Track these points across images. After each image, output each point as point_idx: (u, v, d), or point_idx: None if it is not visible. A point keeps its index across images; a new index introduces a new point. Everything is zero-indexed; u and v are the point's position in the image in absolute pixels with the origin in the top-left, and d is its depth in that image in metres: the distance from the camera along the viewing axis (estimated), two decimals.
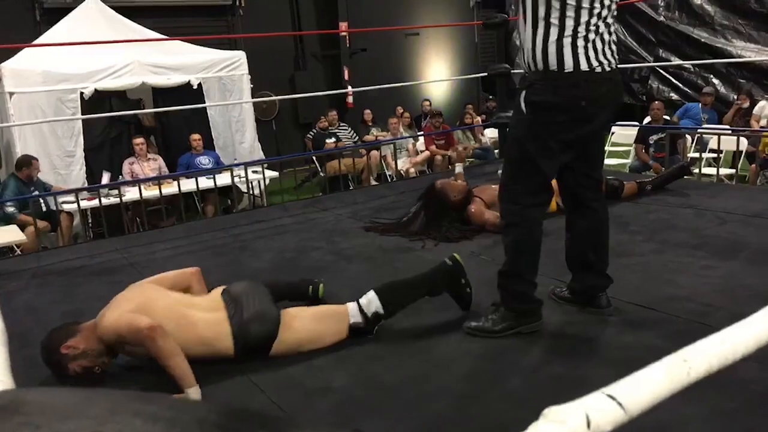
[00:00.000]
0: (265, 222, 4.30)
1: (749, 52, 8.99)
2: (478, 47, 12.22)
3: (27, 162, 5.63)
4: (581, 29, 1.99)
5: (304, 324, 2.20)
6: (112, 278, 3.35)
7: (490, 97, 9.98)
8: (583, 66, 2.00)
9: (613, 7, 2.06)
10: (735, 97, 8.43)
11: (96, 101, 6.44)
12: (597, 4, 2.00)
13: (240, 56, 7.45)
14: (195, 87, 6.96)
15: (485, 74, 5.86)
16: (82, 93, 6.38)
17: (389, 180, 7.46)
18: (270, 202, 6.82)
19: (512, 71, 5.48)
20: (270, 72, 9.18)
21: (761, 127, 6.81)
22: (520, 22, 2.13)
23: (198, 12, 9.23)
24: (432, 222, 3.58)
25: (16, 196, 5.37)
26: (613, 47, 2.09)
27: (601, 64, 2.03)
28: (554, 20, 1.99)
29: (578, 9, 1.98)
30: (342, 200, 4.84)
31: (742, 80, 9.11)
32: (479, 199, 3.68)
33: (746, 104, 7.65)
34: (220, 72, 7.24)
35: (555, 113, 2.05)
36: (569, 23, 1.99)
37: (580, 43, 2.00)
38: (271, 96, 8.62)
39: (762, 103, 7.44)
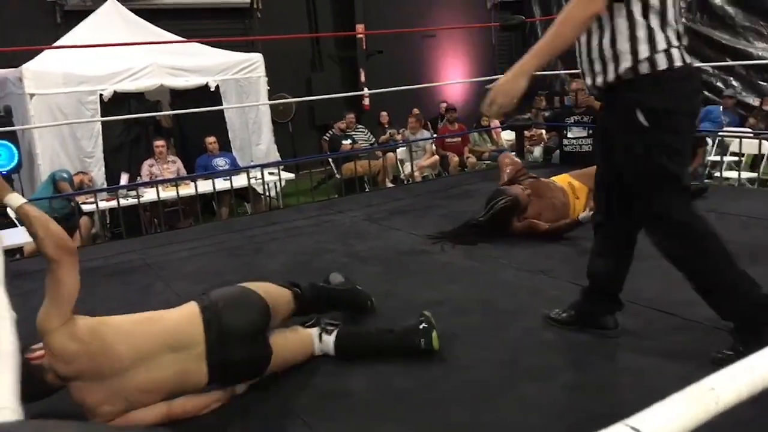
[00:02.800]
0: (280, 224, 4.31)
1: None
2: (495, 49, 12.16)
3: (69, 180, 5.80)
4: (674, 24, 1.84)
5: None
6: (128, 278, 3.38)
7: None
8: (687, 59, 1.85)
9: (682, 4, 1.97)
10: (757, 100, 8.30)
11: (115, 103, 6.50)
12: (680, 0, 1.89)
13: (257, 58, 7.48)
14: (212, 89, 7.00)
15: (502, 76, 5.82)
16: (101, 95, 6.44)
17: (405, 182, 7.44)
18: (285, 203, 6.83)
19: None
20: (287, 74, 9.21)
21: None
22: (601, 30, 1.88)
23: (216, 14, 9.29)
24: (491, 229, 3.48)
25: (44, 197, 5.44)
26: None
27: (689, 58, 1.89)
28: (652, 17, 1.81)
29: (665, 5, 1.82)
30: (357, 202, 4.84)
31: (762, 83, 8.97)
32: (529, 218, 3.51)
33: None
34: (237, 74, 7.28)
35: (681, 117, 1.85)
36: (658, 19, 1.82)
37: (674, 39, 1.83)
38: (287, 98, 8.65)
39: None
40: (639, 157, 1.88)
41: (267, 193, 6.62)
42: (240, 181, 5.94)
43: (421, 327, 2.16)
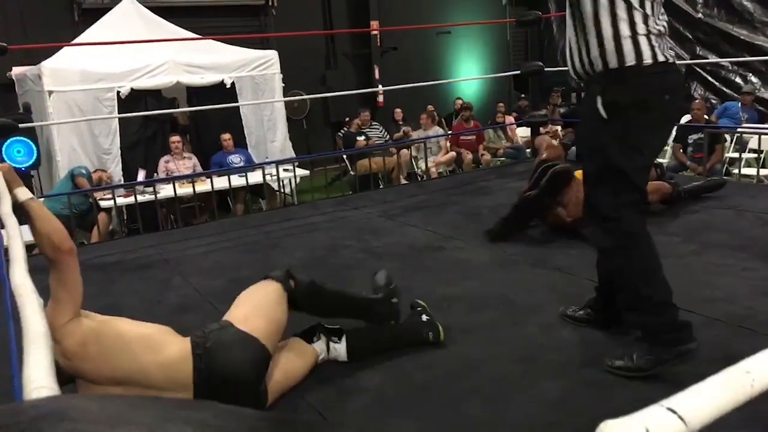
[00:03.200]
0: (295, 220, 4.32)
1: None
2: (510, 45, 12.10)
3: (88, 176, 5.85)
4: (650, 21, 1.85)
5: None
6: (146, 273, 3.41)
7: (522, 95, 9.88)
8: (660, 57, 1.85)
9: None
10: None
11: (132, 100, 6.57)
12: None
13: (272, 56, 7.51)
14: (228, 86, 7.04)
15: (518, 72, 5.80)
16: (118, 92, 6.50)
17: (419, 179, 7.44)
18: (300, 200, 6.86)
19: (546, 69, 5.41)
20: (301, 71, 9.24)
21: None
22: (574, 21, 1.95)
23: (231, 12, 9.34)
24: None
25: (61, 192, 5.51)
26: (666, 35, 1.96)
27: (667, 56, 1.90)
28: (623, 13, 1.84)
29: (643, 0, 1.84)
30: (372, 199, 4.84)
31: None
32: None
33: None
34: (252, 71, 7.32)
35: (641, 112, 1.85)
36: (638, 15, 1.84)
37: (653, 35, 1.85)
38: (302, 95, 8.68)
39: None
40: (593, 146, 1.96)
41: (282, 190, 6.65)
42: (255, 177, 5.97)
43: (424, 319, 2.19)
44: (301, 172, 6.93)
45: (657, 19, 1.88)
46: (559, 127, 7.84)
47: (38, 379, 0.83)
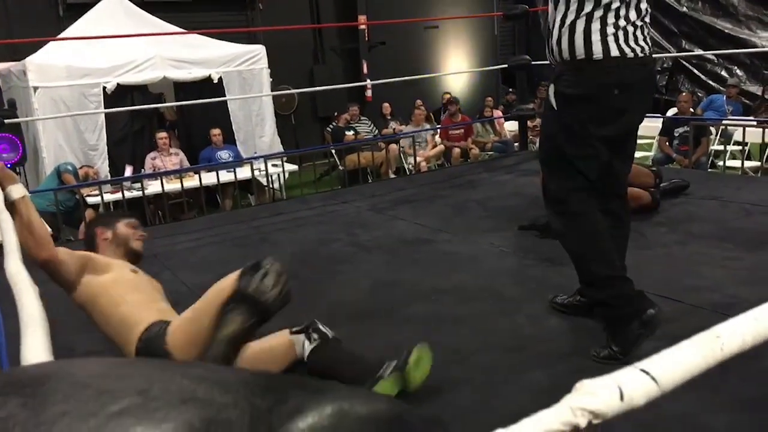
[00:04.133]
0: (284, 214, 4.32)
1: None
2: (497, 39, 12.13)
3: (74, 173, 5.81)
4: (610, 14, 1.87)
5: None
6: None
7: (510, 89, 9.91)
8: (614, 52, 1.88)
9: None
10: (760, 89, 8.29)
11: (118, 95, 6.52)
12: None
13: (260, 50, 7.48)
14: (215, 81, 7.02)
15: (505, 66, 5.82)
16: (104, 87, 6.46)
17: (408, 173, 7.45)
18: (289, 195, 6.85)
19: (533, 63, 5.43)
20: (289, 66, 9.21)
21: None
22: (550, 10, 2.03)
23: (218, 6, 9.28)
24: None
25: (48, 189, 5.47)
26: (645, 32, 1.96)
27: (633, 50, 1.90)
28: (580, 5, 1.89)
29: None
30: (361, 193, 4.85)
31: (767, 71, 8.94)
32: None
33: None
34: (240, 66, 7.29)
35: (587, 105, 1.91)
36: (596, 8, 1.88)
37: (610, 29, 1.87)
38: (290, 90, 8.65)
39: None
40: (546, 133, 2.10)
41: (270, 185, 6.65)
42: (243, 173, 5.96)
43: (392, 363, 1.83)
44: (290, 167, 6.92)
45: (625, 12, 1.89)
46: None
47: (38, 359, 0.84)
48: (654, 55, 2.03)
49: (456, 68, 11.48)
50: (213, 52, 7.20)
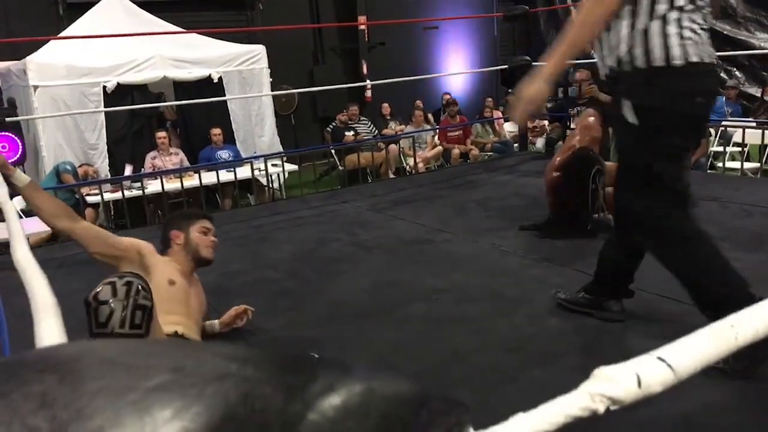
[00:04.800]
0: (284, 214, 4.33)
1: None
2: (497, 40, 12.15)
3: (73, 172, 5.82)
4: (684, 18, 1.76)
5: None
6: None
7: (510, 90, 9.92)
8: (693, 58, 1.76)
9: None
10: (759, 90, 8.31)
11: (118, 95, 6.51)
12: None
13: (260, 50, 7.48)
14: (215, 81, 7.01)
15: (505, 66, 5.83)
16: (104, 86, 6.45)
17: (408, 174, 7.46)
18: (289, 195, 6.85)
19: (533, 63, 5.44)
20: (289, 66, 9.21)
21: None
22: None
23: (218, 6, 9.29)
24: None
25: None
26: (709, 37, 1.85)
27: (708, 55, 1.80)
28: (655, 10, 1.76)
29: None
30: (361, 193, 4.85)
31: (765, 73, 8.96)
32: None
33: None
34: (240, 66, 7.28)
35: (672, 116, 1.78)
36: (672, 12, 1.76)
37: (687, 33, 1.76)
38: (290, 90, 8.65)
39: None
40: (626, 151, 1.93)
41: (270, 185, 6.65)
42: (243, 172, 5.96)
43: None
44: (290, 167, 6.92)
45: (696, 17, 1.79)
46: (546, 122, 7.89)
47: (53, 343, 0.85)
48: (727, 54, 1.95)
49: (455, 69, 11.49)
50: (213, 52, 7.20)
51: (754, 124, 5.77)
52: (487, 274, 2.82)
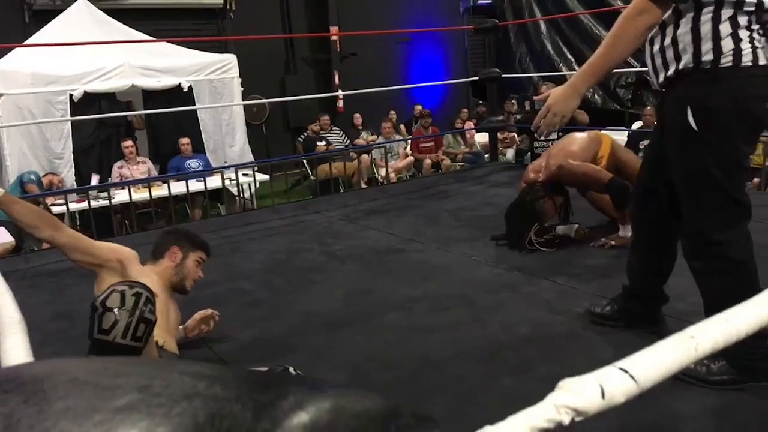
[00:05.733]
0: (255, 224, 4.30)
1: None
2: (468, 52, 12.30)
3: (38, 182, 5.69)
4: (752, 15, 1.62)
5: None
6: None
7: (480, 101, 10.04)
8: (762, 60, 1.62)
9: None
10: None
11: (85, 103, 6.41)
12: None
13: (231, 59, 7.45)
14: (185, 90, 6.95)
15: (476, 78, 5.90)
16: (71, 95, 6.34)
17: (380, 184, 7.48)
18: (260, 205, 6.80)
19: (503, 75, 5.53)
20: (260, 75, 9.18)
21: None
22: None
23: (188, 15, 9.21)
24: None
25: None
26: None
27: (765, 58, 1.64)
28: (722, 11, 1.61)
29: None
30: (333, 203, 4.84)
31: None
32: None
33: None
34: (210, 75, 7.24)
35: (739, 121, 1.64)
36: (741, 14, 1.61)
37: (755, 33, 1.63)
38: (261, 99, 8.62)
39: None
40: (684, 163, 1.75)
41: (241, 195, 6.60)
42: (214, 182, 5.90)
43: None
44: (261, 176, 6.88)
45: (760, 14, 1.63)
46: (515, 134, 8.00)
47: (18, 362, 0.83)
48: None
49: (427, 79, 11.59)
50: (183, 61, 7.14)
51: None
52: (460, 283, 2.84)
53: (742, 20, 1.61)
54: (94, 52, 6.31)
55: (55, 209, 5.62)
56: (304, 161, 7.95)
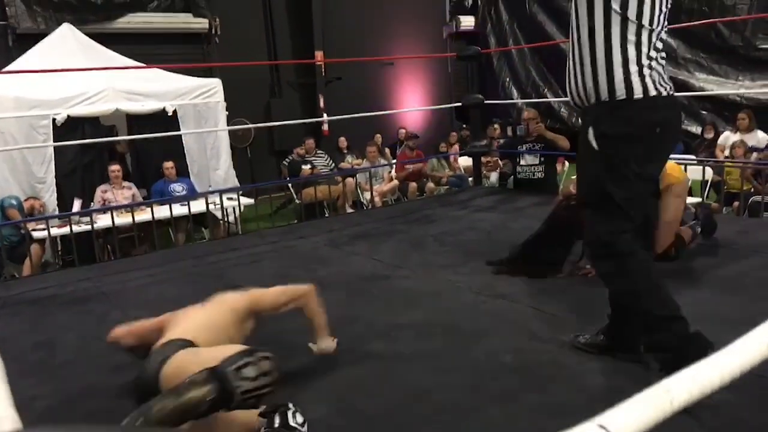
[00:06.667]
0: (240, 250, 4.28)
1: (711, 85, 9.33)
2: (451, 77, 12.45)
3: (19, 207, 5.65)
4: (644, 51, 1.88)
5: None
6: (83, 308, 3.29)
7: (464, 126, 10.14)
8: (651, 91, 1.89)
9: (664, 33, 1.95)
10: (699, 128, 8.73)
11: (68, 127, 6.37)
12: (657, 26, 1.89)
13: (216, 84, 7.46)
14: (170, 114, 6.94)
15: (459, 104, 5.97)
16: (54, 119, 6.30)
17: (365, 207, 7.49)
18: (245, 229, 6.78)
19: (486, 102, 5.60)
20: (246, 99, 9.21)
21: (725, 157, 7.04)
22: (573, 47, 2.00)
23: (174, 39, 9.25)
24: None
25: None
26: (665, 71, 1.98)
27: (664, 87, 1.93)
28: (619, 43, 1.88)
29: (640, 31, 1.87)
30: (318, 227, 4.85)
31: (704, 112, 9.42)
32: None
33: (711, 135, 7.92)
34: (195, 99, 7.24)
35: (632, 144, 1.91)
36: (634, 46, 1.88)
37: (645, 70, 1.89)
38: (246, 123, 8.63)
39: (726, 133, 7.70)
40: (587, 176, 2.04)
41: (225, 219, 6.57)
42: (198, 206, 5.87)
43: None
44: (246, 200, 6.87)
45: (655, 48, 1.91)
46: (498, 158, 8.09)
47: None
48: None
49: (411, 103, 11.71)
50: (168, 85, 7.14)
51: (695, 161, 6.04)
52: (444, 310, 2.85)
53: (632, 55, 1.88)
54: (77, 76, 6.28)
55: (37, 234, 5.56)
56: (289, 184, 7.95)
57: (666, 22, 1.95)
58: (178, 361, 1.82)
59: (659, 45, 1.92)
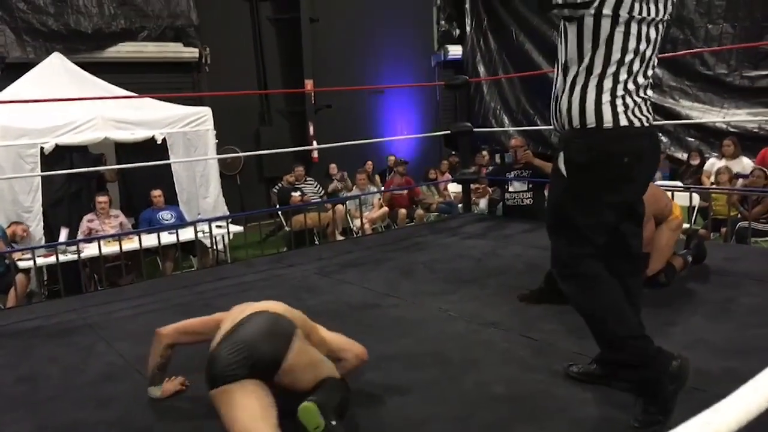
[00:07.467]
0: (229, 279, 4.24)
1: (696, 112, 9.47)
2: (440, 105, 12.57)
3: (2, 236, 5.64)
4: (621, 83, 1.91)
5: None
6: (68, 340, 3.23)
7: (453, 153, 10.21)
8: (622, 121, 1.91)
9: (654, 61, 1.97)
10: (685, 155, 8.83)
11: (56, 156, 6.34)
12: (640, 62, 1.92)
13: (205, 112, 7.48)
14: (159, 142, 6.93)
15: (448, 131, 6.01)
16: (42, 148, 6.27)
17: (354, 234, 7.47)
18: (234, 256, 6.72)
19: (474, 129, 5.64)
20: (235, 127, 9.23)
21: (711, 183, 7.11)
22: (556, 75, 2.04)
23: (163, 68, 9.28)
24: None
25: None
26: (649, 102, 2.00)
27: (639, 119, 1.94)
28: (592, 74, 1.92)
29: (621, 64, 1.90)
30: (308, 255, 4.81)
31: (690, 139, 9.55)
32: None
33: (697, 161, 8.02)
34: (185, 127, 7.24)
35: (598, 173, 1.94)
36: (611, 78, 1.91)
37: (618, 101, 1.91)
38: (236, 151, 8.64)
39: (712, 160, 7.80)
40: (553, 199, 2.10)
41: (214, 247, 6.52)
42: (186, 234, 5.83)
43: None
44: (235, 228, 6.84)
45: (635, 82, 1.93)
46: (486, 185, 8.13)
47: None
48: (654, 123, 2.05)
49: (400, 131, 11.79)
50: (157, 114, 7.14)
51: (682, 188, 6.10)
52: (435, 339, 2.82)
53: (608, 86, 1.91)
54: (66, 104, 6.28)
55: (22, 264, 5.49)
56: (279, 212, 7.93)
57: (655, 59, 1.97)
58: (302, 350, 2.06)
59: (641, 80, 1.94)
